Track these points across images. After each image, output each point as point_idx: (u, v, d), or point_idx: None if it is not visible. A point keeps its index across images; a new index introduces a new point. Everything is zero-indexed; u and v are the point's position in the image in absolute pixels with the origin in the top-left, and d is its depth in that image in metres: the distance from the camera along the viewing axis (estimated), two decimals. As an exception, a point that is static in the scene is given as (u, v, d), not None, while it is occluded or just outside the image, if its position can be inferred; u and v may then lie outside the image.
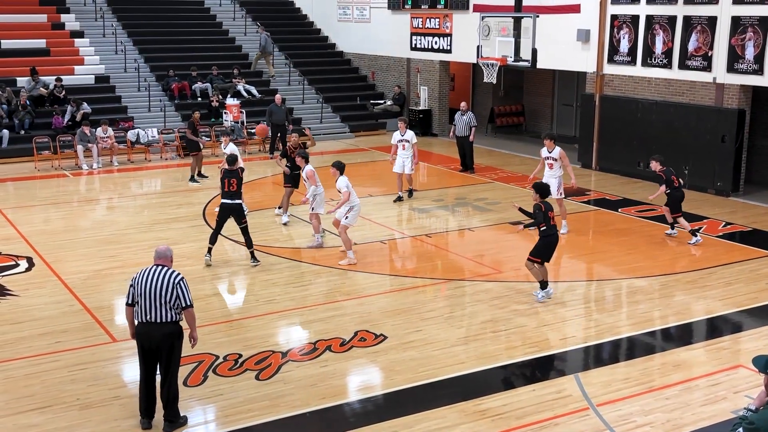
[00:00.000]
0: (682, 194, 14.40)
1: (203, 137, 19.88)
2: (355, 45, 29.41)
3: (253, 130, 23.98)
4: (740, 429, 4.45)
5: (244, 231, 12.92)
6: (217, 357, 9.43)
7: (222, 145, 16.96)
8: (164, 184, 19.78)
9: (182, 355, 8.02)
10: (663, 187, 14.30)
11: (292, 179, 15.35)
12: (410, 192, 17.36)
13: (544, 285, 11.33)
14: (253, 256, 13.03)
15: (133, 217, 16.29)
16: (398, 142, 17.15)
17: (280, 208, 15.86)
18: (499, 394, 8.60)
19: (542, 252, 11.23)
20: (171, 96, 24.94)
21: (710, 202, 17.28)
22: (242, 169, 13.21)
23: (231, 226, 15.02)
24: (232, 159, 13.21)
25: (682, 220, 14.34)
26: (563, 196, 14.71)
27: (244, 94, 25.58)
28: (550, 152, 14.45)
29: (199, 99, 24.99)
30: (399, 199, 17.22)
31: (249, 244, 13.01)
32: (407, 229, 15.29)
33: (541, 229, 11.12)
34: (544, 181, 13.91)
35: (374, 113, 27.14)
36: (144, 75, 25.42)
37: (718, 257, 13.36)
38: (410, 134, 17.14)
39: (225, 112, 24.06)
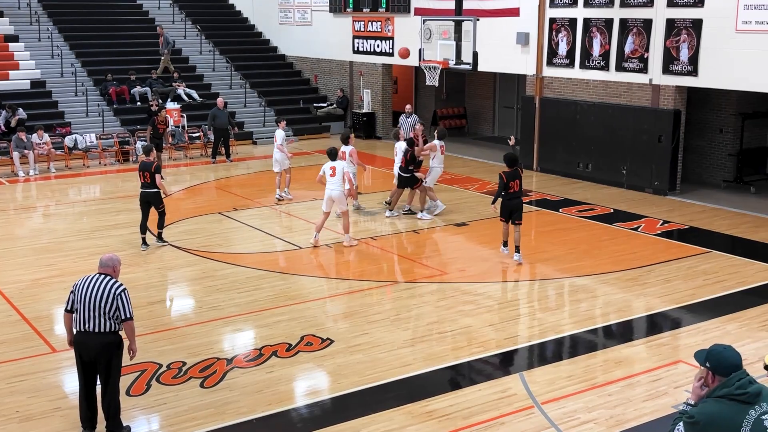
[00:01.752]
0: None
1: (140, 140, 19.68)
2: (297, 48, 29.31)
3: (195, 135, 23.75)
4: (680, 423, 4.54)
5: (161, 215, 14.03)
6: (161, 365, 9.28)
7: None
8: (103, 190, 19.42)
9: (125, 364, 7.88)
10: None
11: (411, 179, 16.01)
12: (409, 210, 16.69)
13: (505, 243, 13.46)
14: (159, 237, 14.12)
15: (72, 224, 15.96)
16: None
17: (421, 211, 16.19)
18: (446, 395, 8.64)
19: (502, 212, 13.22)
20: (109, 101, 24.51)
21: (648, 200, 17.65)
22: (158, 165, 13.89)
23: (175, 232, 14.87)
24: (147, 149, 14.31)
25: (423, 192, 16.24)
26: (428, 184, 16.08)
27: (185, 98, 25.29)
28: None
29: (138, 103, 24.62)
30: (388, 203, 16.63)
31: (160, 225, 14.12)
32: (353, 233, 15.25)
33: (502, 194, 13.01)
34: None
35: (318, 116, 27.08)
36: (81, 79, 24.94)
37: (656, 255, 13.64)
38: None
39: (165, 117, 23.71)
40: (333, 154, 14.23)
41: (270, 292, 11.92)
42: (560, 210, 16.87)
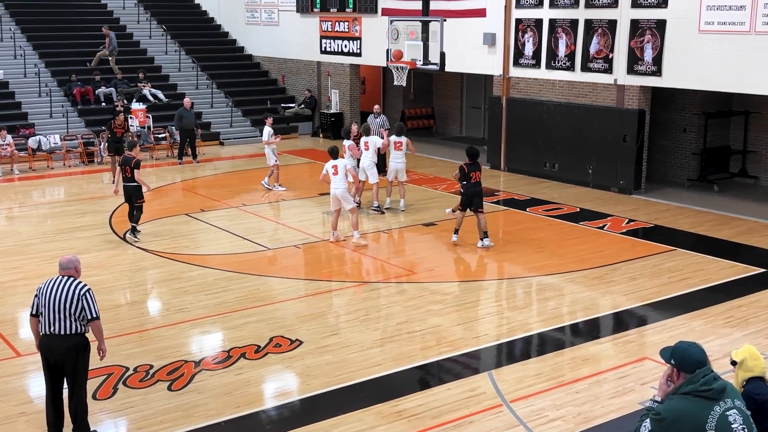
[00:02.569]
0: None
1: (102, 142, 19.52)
2: (264, 48, 29.18)
3: (161, 135, 23.54)
4: (647, 420, 4.59)
5: (138, 209, 14.43)
6: (127, 369, 9.20)
7: None
8: (68, 192, 19.19)
9: (91, 367, 7.80)
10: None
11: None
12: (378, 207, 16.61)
13: (456, 231, 14.00)
14: (133, 230, 14.45)
15: (36, 227, 15.76)
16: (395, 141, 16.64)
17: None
18: (415, 395, 8.66)
19: (462, 202, 13.88)
20: (74, 101, 24.21)
21: (613, 200, 17.82)
22: (137, 161, 14.36)
23: (142, 234, 14.74)
24: (130, 144, 14.83)
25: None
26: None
27: (150, 98, 25.05)
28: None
29: (103, 104, 24.34)
30: (379, 209, 16.47)
31: (136, 219, 14.48)
32: (321, 233, 15.24)
33: (462, 183, 13.78)
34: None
35: (285, 117, 26.98)
36: (45, 80, 24.60)
37: (622, 253, 13.79)
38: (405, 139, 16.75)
39: (131, 117, 23.47)
40: (334, 153, 14.28)
41: (238, 294, 11.85)
42: (527, 209, 16.98)
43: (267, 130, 18.48)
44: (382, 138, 19.99)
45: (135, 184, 14.34)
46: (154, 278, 12.71)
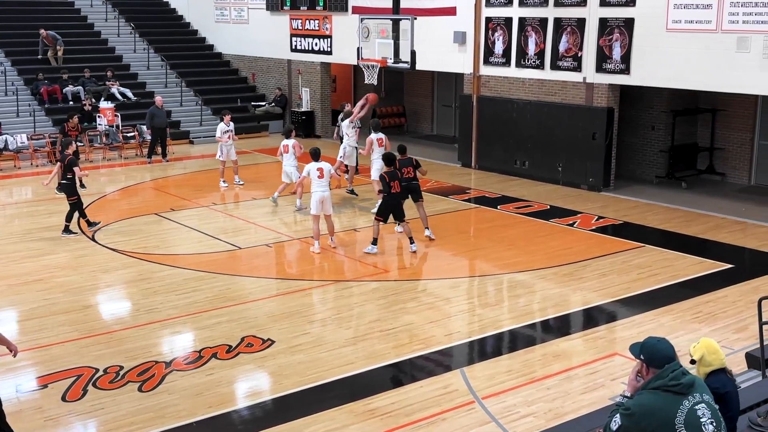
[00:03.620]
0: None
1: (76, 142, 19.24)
2: (233, 46, 29.02)
3: (130, 134, 23.31)
4: (617, 415, 4.63)
5: (71, 206, 14.58)
6: (97, 370, 9.10)
7: None
8: (35, 192, 18.94)
9: (61, 369, 7.69)
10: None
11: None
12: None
13: (374, 242, 13.39)
14: (65, 229, 14.58)
15: (3, 227, 15.53)
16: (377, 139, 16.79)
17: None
18: (388, 393, 8.66)
19: (381, 211, 13.45)
20: (41, 100, 23.91)
21: (583, 197, 17.95)
22: (71, 159, 14.53)
23: (110, 234, 14.60)
24: (64, 143, 15.16)
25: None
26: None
27: (119, 97, 24.81)
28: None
29: (71, 103, 24.06)
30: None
31: (67, 216, 14.62)
32: (293, 232, 15.20)
33: (386, 194, 13.36)
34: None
35: (256, 115, 26.86)
36: (11, 79, 24.27)
37: (591, 250, 13.89)
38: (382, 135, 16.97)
39: (99, 116, 23.24)
40: (316, 155, 14.03)
41: (209, 294, 11.77)
42: (498, 207, 17.05)
43: (219, 126, 18.54)
44: (353, 135, 19.97)
45: (66, 181, 14.57)
46: (123, 278, 12.59)
